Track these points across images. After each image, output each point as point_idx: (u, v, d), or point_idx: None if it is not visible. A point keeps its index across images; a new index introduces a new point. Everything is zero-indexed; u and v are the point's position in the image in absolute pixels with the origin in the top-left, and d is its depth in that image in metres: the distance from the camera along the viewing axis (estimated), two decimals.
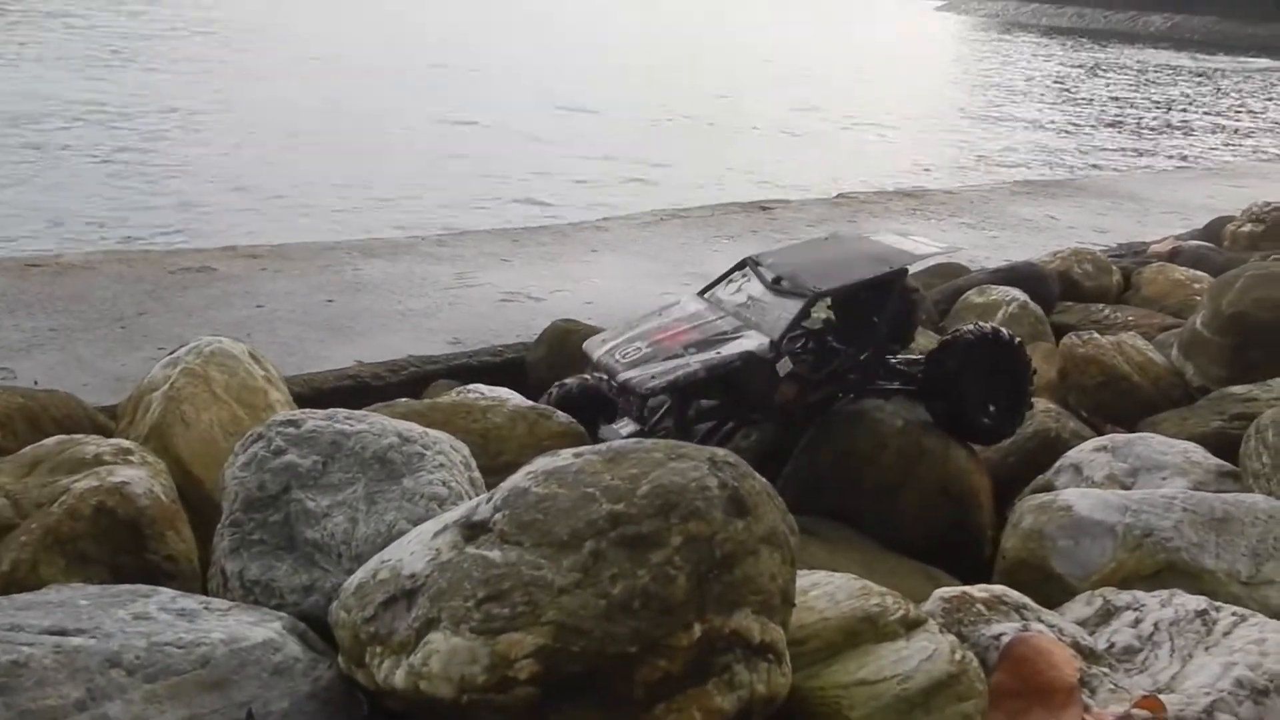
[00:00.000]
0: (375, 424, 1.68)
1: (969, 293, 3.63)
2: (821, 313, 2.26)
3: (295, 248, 4.24)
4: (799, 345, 2.22)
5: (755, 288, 2.29)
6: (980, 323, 2.37)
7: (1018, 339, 2.34)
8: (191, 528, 1.84)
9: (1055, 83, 26.93)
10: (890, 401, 2.27)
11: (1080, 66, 34.12)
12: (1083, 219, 5.94)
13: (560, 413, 2.26)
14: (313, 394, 2.86)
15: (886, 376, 2.34)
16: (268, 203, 7.64)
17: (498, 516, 1.29)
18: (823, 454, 2.19)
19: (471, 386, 2.55)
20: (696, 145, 12.18)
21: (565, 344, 3.08)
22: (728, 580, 1.25)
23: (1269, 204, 5.08)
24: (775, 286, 2.25)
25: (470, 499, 1.62)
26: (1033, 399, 2.38)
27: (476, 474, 1.75)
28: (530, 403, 2.38)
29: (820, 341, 2.26)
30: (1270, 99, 25.67)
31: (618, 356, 2.12)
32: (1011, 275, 3.82)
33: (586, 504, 1.26)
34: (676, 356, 2.07)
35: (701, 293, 2.40)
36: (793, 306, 2.16)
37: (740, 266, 2.40)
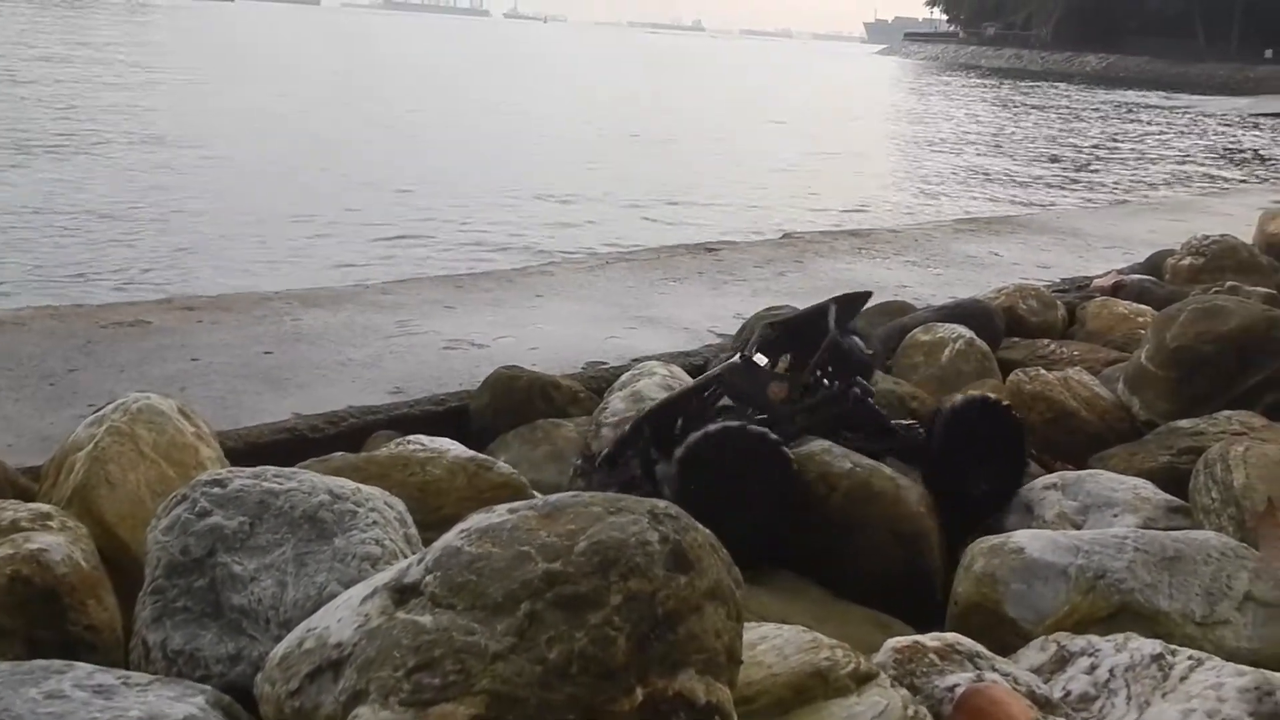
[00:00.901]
0: (305, 481, 1.62)
1: (915, 330, 3.62)
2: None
3: (234, 298, 4.16)
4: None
5: None
6: (971, 393, 2.42)
7: (1006, 403, 2.37)
8: (119, 594, 1.76)
9: (995, 121, 27.41)
10: (852, 447, 2.25)
11: (1018, 105, 34.79)
12: (1026, 255, 5.99)
13: (501, 463, 2.21)
14: (248, 449, 2.78)
15: (874, 425, 2.35)
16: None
17: (429, 579, 1.23)
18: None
19: (412, 438, 2.49)
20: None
21: (508, 391, 3.02)
22: (670, 639, 1.19)
23: (1207, 237, 5.14)
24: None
25: (405, 557, 1.56)
26: (1025, 471, 2.40)
27: (413, 530, 1.68)
28: (470, 453, 2.32)
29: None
30: (1201, 134, 26.27)
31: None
32: (957, 312, 3.82)
33: (521, 563, 1.20)
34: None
35: None
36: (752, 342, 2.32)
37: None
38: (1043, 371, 2.92)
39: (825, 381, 2.34)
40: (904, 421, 2.40)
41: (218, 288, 6.16)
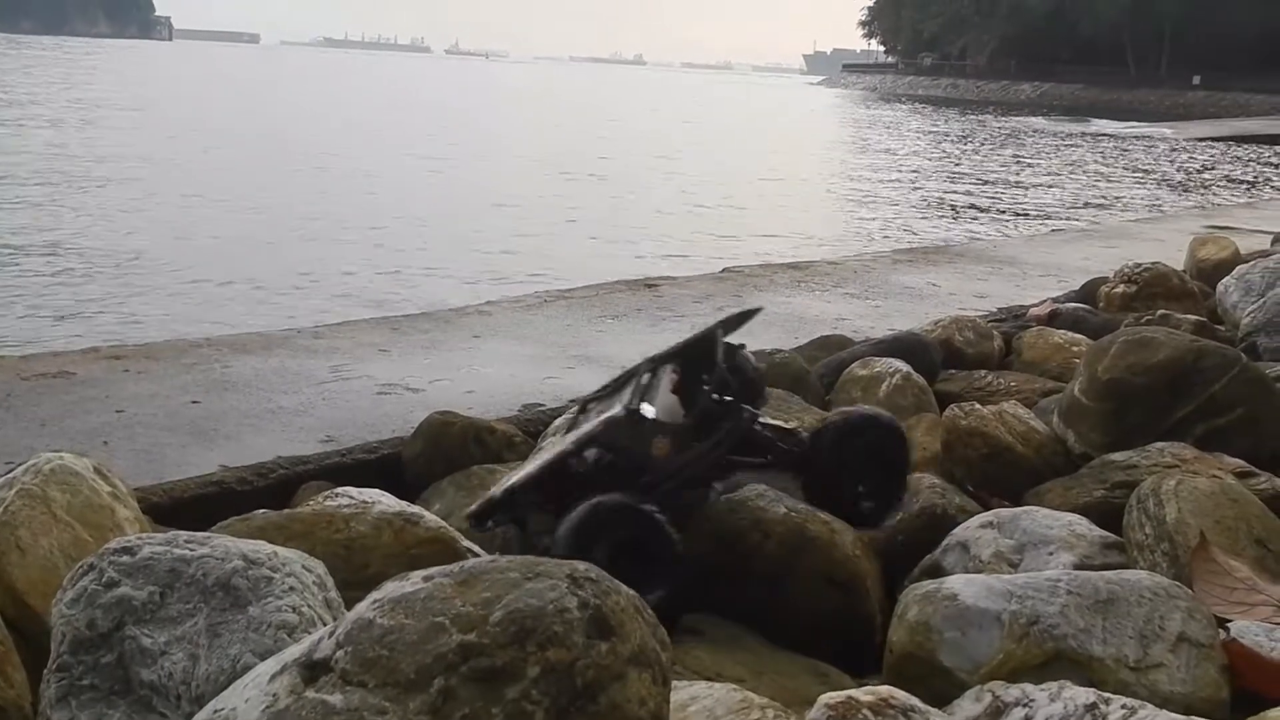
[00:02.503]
0: (218, 547, 1.56)
1: (853, 365, 3.62)
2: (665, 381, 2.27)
3: (162, 345, 4.07)
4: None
5: (598, 408, 2.35)
6: (862, 406, 2.37)
7: (898, 424, 2.34)
8: (30, 669, 1.69)
9: (931, 150, 27.78)
10: (766, 482, 2.22)
11: (952, 135, 35.30)
12: (963, 285, 6.04)
13: (429, 515, 2.16)
14: (173, 504, 2.71)
15: (760, 445, 2.31)
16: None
17: (340, 654, 1.18)
18: (704, 545, 2.11)
19: (340, 490, 2.43)
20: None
21: (442, 438, 2.97)
22: (592, 711, 1.15)
23: (1139, 265, 5.20)
24: (613, 388, 2.36)
25: (323, 624, 1.51)
26: (906, 486, 2.37)
27: (333, 594, 1.63)
28: (399, 506, 2.27)
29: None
30: (1133, 160, 26.79)
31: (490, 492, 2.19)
32: (894, 346, 3.83)
33: (435, 635, 1.16)
34: (539, 458, 2.03)
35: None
36: (629, 388, 2.23)
37: (581, 410, 2.50)
38: (978, 406, 2.92)
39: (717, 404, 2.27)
40: (784, 425, 2.36)
41: (154, 333, 6.10)
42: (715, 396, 2.25)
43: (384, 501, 2.34)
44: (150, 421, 3.18)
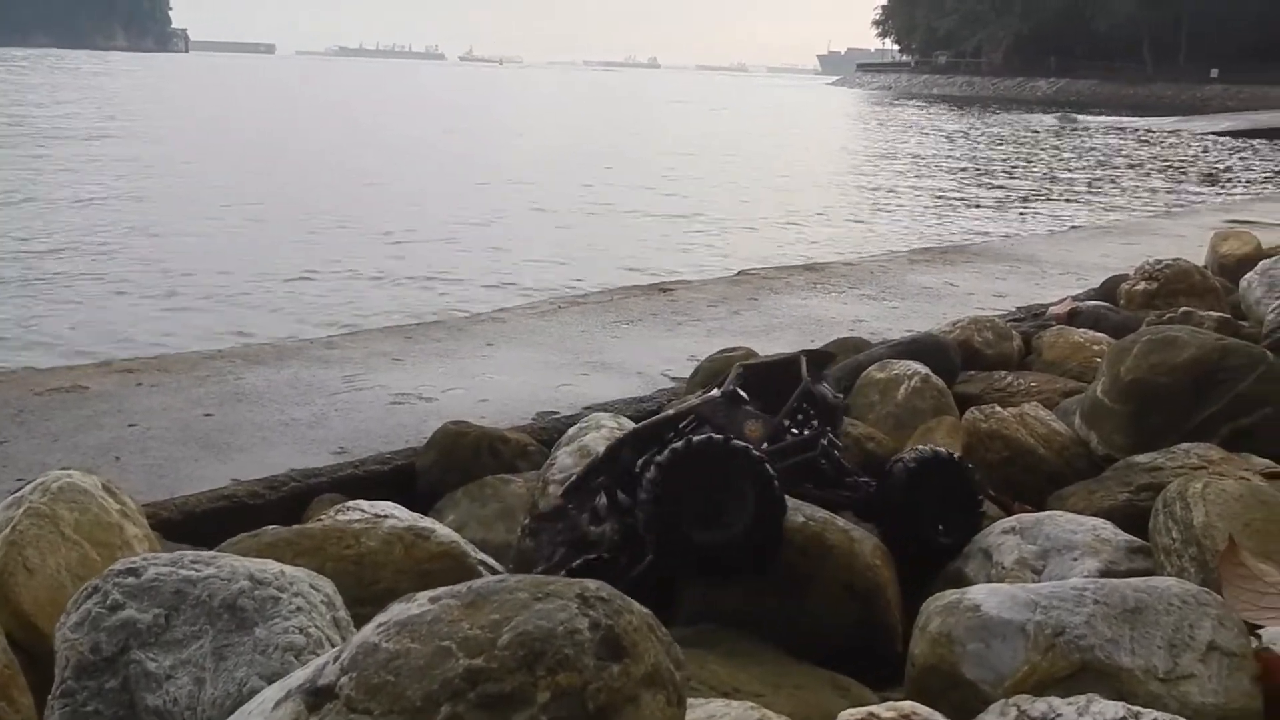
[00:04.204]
0: (224, 567, 1.53)
1: (870, 369, 3.57)
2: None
3: (174, 359, 4.06)
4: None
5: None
6: (920, 448, 2.38)
7: (958, 456, 2.34)
8: (38, 691, 1.67)
9: (949, 148, 27.69)
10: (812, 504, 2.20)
11: (971, 131, 35.17)
12: (981, 284, 5.98)
13: (441, 529, 2.13)
14: (185, 519, 2.69)
15: (828, 479, 2.31)
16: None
17: (344, 680, 1.15)
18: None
19: (351, 503, 2.40)
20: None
21: (455, 448, 2.94)
22: None
23: (1160, 261, 5.13)
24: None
25: (332, 644, 1.48)
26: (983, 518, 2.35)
27: (342, 613, 1.60)
28: (410, 519, 2.24)
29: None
30: (1152, 155, 26.64)
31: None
32: (912, 348, 3.78)
33: (442, 660, 1.12)
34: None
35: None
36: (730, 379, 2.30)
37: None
38: (998, 409, 2.87)
39: (794, 431, 2.30)
40: (860, 477, 2.35)
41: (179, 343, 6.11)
42: (797, 419, 2.30)
43: (396, 515, 2.31)
44: (163, 435, 3.16)
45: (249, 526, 2.32)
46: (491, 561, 2.22)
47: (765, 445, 2.17)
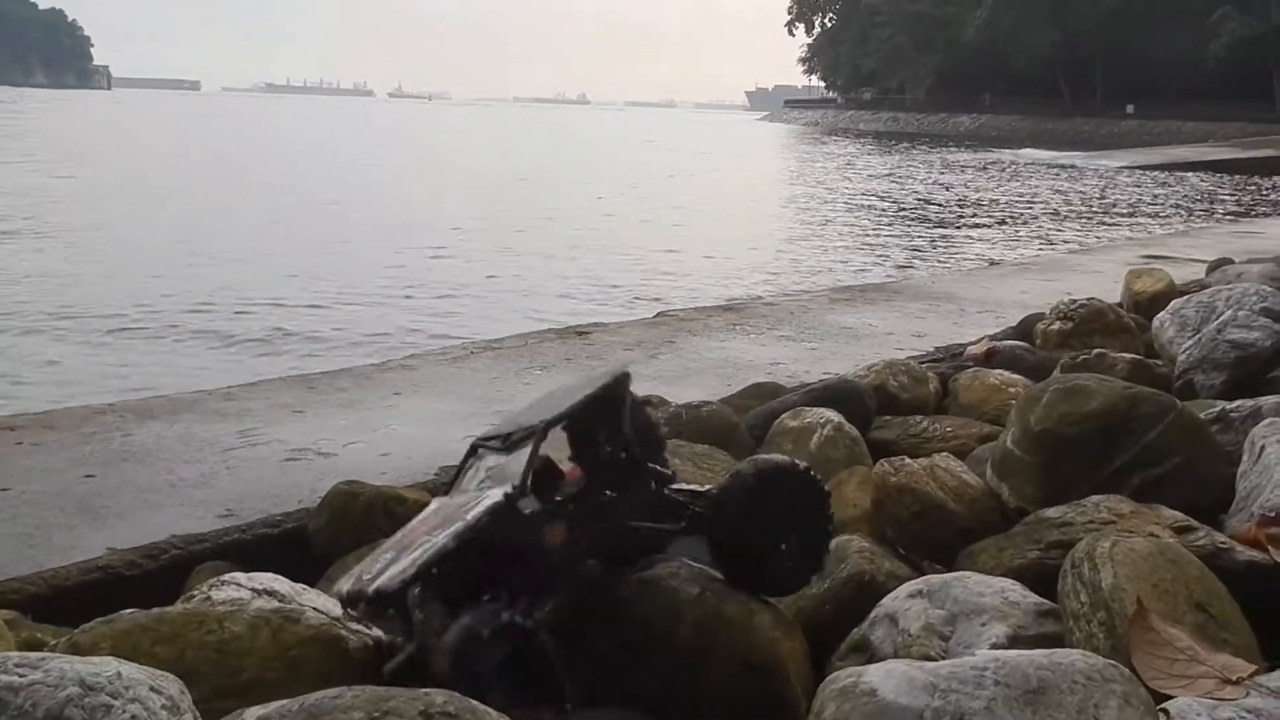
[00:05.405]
0: (52, 671, 1.39)
1: (783, 416, 3.49)
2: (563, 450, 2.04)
3: (61, 414, 3.86)
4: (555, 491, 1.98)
5: (491, 459, 2.05)
6: (770, 455, 2.19)
7: (814, 471, 2.14)
8: None
9: (873, 185, 28.04)
10: (677, 558, 2.06)
11: (888, 169, 35.72)
12: (900, 324, 5.96)
13: (320, 603, 1.99)
14: (54, 594, 2.52)
15: (664, 511, 2.12)
16: None
17: None
18: (613, 630, 1.96)
19: (228, 577, 2.25)
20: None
21: (348, 510, 2.79)
22: None
23: (1075, 300, 5.15)
24: (507, 444, 2.02)
25: None
26: (829, 541, 2.18)
27: (189, 715, 1.46)
28: (291, 590, 2.10)
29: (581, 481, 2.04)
30: (1069, 190, 27.20)
31: (364, 578, 1.82)
32: (826, 395, 3.71)
33: None
34: (421, 545, 1.82)
35: (445, 494, 2.16)
36: (525, 452, 1.92)
37: (471, 453, 2.17)
38: (908, 461, 2.80)
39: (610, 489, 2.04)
40: (691, 487, 2.13)
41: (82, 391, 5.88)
42: (621, 455, 2.07)
43: (277, 587, 2.17)
44: (37, 500, 2.97)
45: (125, 601, 2.17)
46: (378, 633, 2.08)
47: (574, 540, 1.94)
